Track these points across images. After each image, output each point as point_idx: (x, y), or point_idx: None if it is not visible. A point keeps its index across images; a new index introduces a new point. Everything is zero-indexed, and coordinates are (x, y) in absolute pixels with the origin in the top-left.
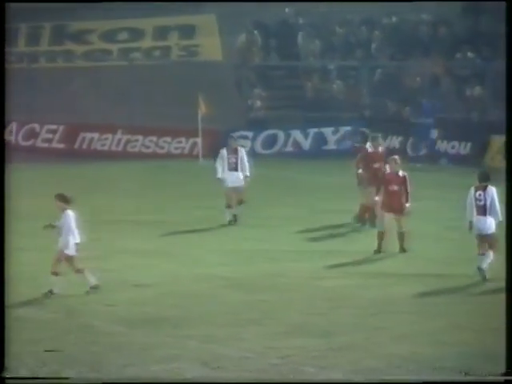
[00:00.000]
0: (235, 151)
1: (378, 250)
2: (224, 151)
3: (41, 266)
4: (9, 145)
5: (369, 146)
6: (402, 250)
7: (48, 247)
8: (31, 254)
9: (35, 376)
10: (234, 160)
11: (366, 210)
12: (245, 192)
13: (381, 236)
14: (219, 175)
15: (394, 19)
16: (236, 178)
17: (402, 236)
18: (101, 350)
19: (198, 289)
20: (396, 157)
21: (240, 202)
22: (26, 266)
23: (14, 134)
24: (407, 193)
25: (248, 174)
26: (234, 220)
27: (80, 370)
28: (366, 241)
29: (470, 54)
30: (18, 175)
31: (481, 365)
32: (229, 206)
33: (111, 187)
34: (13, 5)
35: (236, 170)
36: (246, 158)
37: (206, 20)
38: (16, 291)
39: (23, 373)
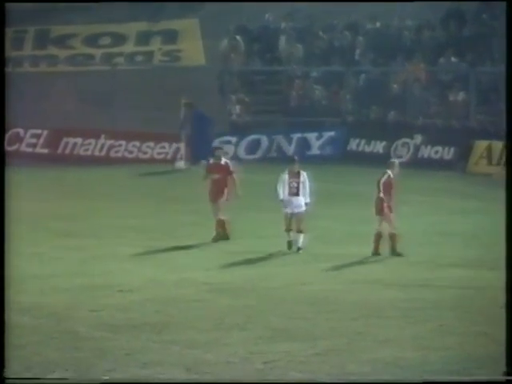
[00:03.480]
0: (297, 175)
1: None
2: (285, 175)
3: (26, 271)
4: None
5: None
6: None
7: (32, 252)
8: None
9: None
10: (295, 184)
11: (221, 225)
12: (305, 219)
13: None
14: (281, 197)
15: (377, 24)
16: (297, 204)
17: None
18: (85, 356)
19: (182, 294)
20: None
21: (300, 231)
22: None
23: None
24: None
25: (309, 200)
26: (297, 251)
27: (64, 375)
28: (349, 245)
29: (453, 59)
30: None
31: (466, 369)
32: (288, 230)
33: (94, 192)
34: None
35: (297, 194)
36: (308, 183)
37: (188, 25)
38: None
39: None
